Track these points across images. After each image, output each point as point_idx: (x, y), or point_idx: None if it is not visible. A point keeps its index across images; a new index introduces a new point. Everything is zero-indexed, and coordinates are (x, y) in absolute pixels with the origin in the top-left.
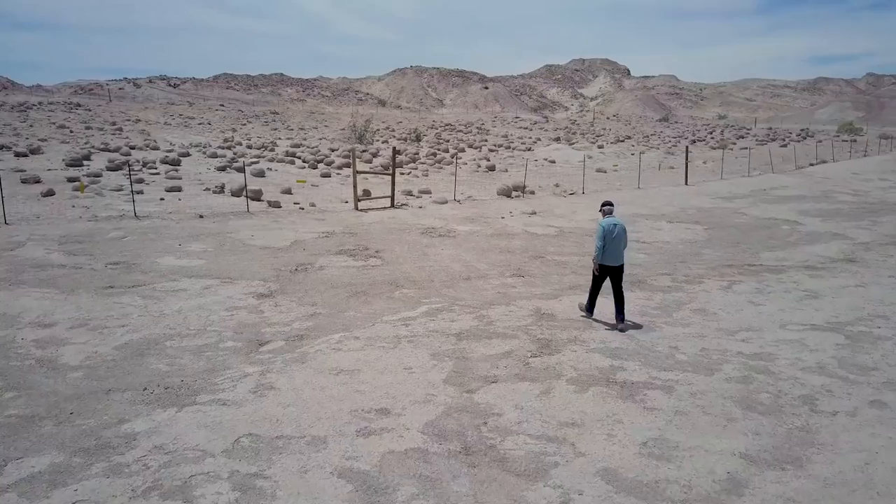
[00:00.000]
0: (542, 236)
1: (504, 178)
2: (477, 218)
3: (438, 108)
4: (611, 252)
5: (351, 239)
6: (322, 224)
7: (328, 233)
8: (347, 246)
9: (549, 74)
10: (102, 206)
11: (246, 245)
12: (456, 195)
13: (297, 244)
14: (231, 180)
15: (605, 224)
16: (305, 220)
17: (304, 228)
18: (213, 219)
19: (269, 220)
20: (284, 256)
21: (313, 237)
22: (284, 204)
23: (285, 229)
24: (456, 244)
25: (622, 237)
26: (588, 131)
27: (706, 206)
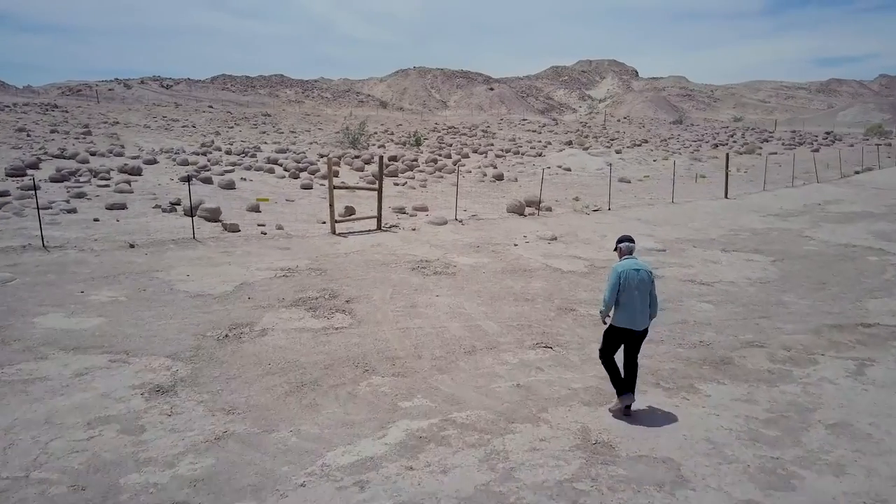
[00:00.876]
0: (568, 274)
1: (514, 189)
2: (483, 245)
3: (442, 109)
4: (628, 310)
5: (317, 280)
6: (285, 256)
7: (289, 270)
8: (310, 292)
9: (555, 76)
10: (12, 230)
11: (173, 291)
12: (458, 213)
13: (242, 289)
14: (193, 193)
15: (622, 269)
16: (265, 251)
17: (259, 263)
18: (148, 249)
19: (219, 250)
20: (219, 311)
21: (268, 277)
22: (246, 227)
23: (235, 265)
24: (456, 286)
25: (646, 289)
26: (601, 134)
27: (760, 228)
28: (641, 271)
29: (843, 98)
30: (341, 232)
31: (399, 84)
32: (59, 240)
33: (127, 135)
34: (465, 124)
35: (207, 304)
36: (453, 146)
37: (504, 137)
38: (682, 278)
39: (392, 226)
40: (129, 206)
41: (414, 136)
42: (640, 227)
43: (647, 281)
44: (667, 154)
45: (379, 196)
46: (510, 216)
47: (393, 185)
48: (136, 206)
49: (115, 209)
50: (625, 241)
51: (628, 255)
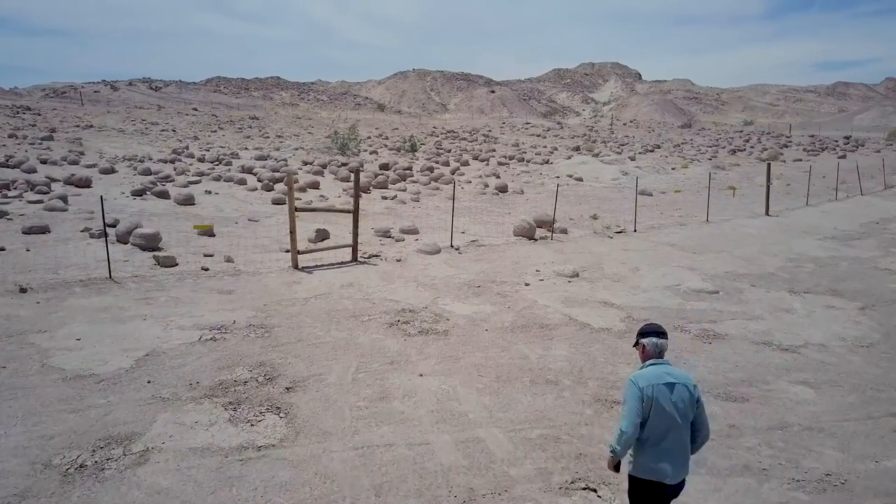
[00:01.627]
0: (600, 333)
1: (520, 203)
2: (486, 284)
3: (442, 113)
4: (657, 451)
5: (255, 346)
6: (224, 304)
7: (222, 328)
8: (238, 370)
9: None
10: None
11: (43, 370)
12: (454, 237)
13: (145, 365)
14: (141, 211)
15: (647, 384)
16: (199, 296)
17: (185, 317)
18: (43, 295)
19: (137, 296)
20: (95, 408)
21: (188, 342)
22: (187, 259)
23: (151, 319)
24: (448, 356)
25: (688, 417)
26: (609, 139)
27: (822, 257)
28: (679, 386)
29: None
30: (306, 266)
31: (398, 86)
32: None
33: (93, 140)
34: (466, 128)
35: (83, 395)
36: (452, 152)
37: (507, 142)
38: (755, 339)
39: (372, 255)
40: (53, 228)
41: (409, 142)
42: (678, 255)
43: (689, 403)
44: (685, 161)
45: (354, 220)
46: (518, 241)
47: (381, 198)
48: (63, 230)
49: (33, 233)
50: (651, 333)
51: (657, 356)
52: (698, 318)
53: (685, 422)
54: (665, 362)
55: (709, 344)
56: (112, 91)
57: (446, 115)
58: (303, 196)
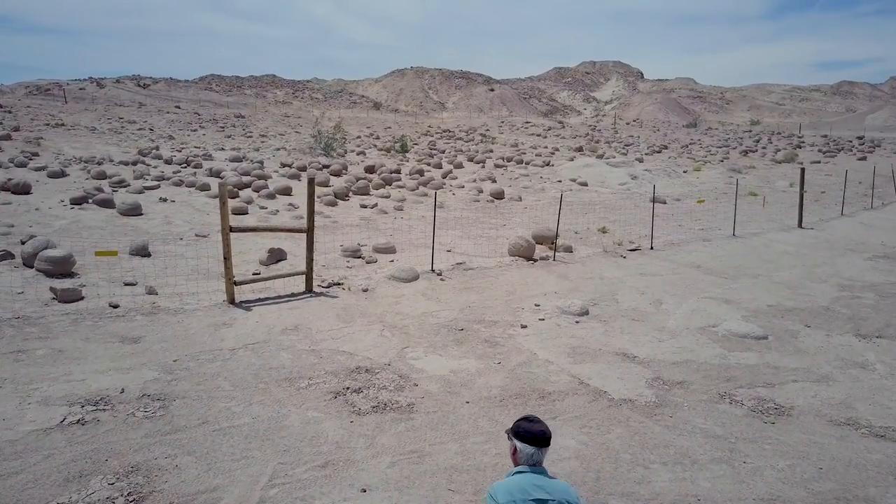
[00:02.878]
0: (621, 408)
1: (517, 212)
2: (471, 326)
3: (440, 111)
4: None
5: (136, 434)
6: (121, 359)
7: (101, 401)
8: (92, 485)
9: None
10: None
11: None
12: (437, 258)
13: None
14: (74, 223)
15: (506, 499)
16: (91, 347)
17: (53, 386)
18: None
19: (8, 347)
20: None
21: (43, 429)
22: (102, 289)
23: (7, 387)
24: (409, 454)
25: None
26: (613, 139)
27: (880, 282)
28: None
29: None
30: (246, 299)
31: (395, 85)
32: None
33: (55, 140)
34: (463, 127)
35: None
36: (446, 153)
37: (505, 142)
38: (833, 415)
39: (333, 284)
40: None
41: (399, 142)
42: (707, 281)
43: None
44: (698, 163)
45: (308, 242)
46: (513, 262)
47: (359, 206)
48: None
49: None
50: (527, 437)
51: (531, 465)
52: (750, 380)
53: None
54: (539, 471)
55: (772, 424)
56: (98, 88)
57: (444, 113)
58: (269, 204)
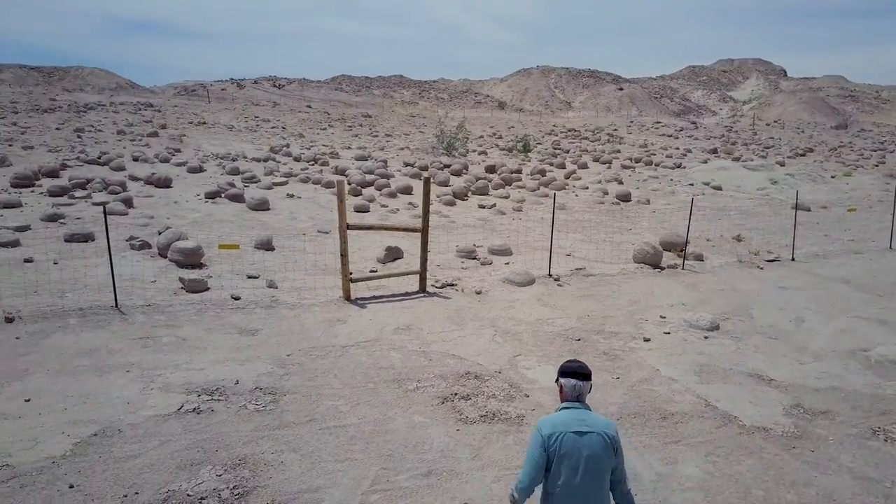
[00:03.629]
0: (753, 436)
1: (644, 216)
2: (588, 336)
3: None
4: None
5: (246, 427)
6: (238, 351)
7: (216, 392)
8: (202, 475)
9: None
10: None
11: None
12: (555, 262)
13: (83, 453)
14: (207, 216)
15: (551, 430)
16: (212, 337)
17: (174, 374)
18: (30, 326)
19: (137, 334)
20: None
21: (162, 415)
22: (225, 281)
23: (133, 373)
24: (516, 470)
25: (603, 465)
26: (751, 140)
27: None
28: (592, 435)
29: None
30: (361, 296)
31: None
32: None
33: (196, 137)
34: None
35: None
36: (570, 153)
37: (634, 143)
38: None
39: (447, 284)
40: (100, 236)
41: (522, 141)
42: (857, 298)
43: (604, 453)
44: (847, 168)
45: (423, 242)
46: (638, 269)
47: (478, 206)
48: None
49: (74, 241)
50: (570, 374)
51: (574, 400)
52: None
53: (598, 475)
54: (582, 407)
55: None
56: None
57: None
58: (390, 202)
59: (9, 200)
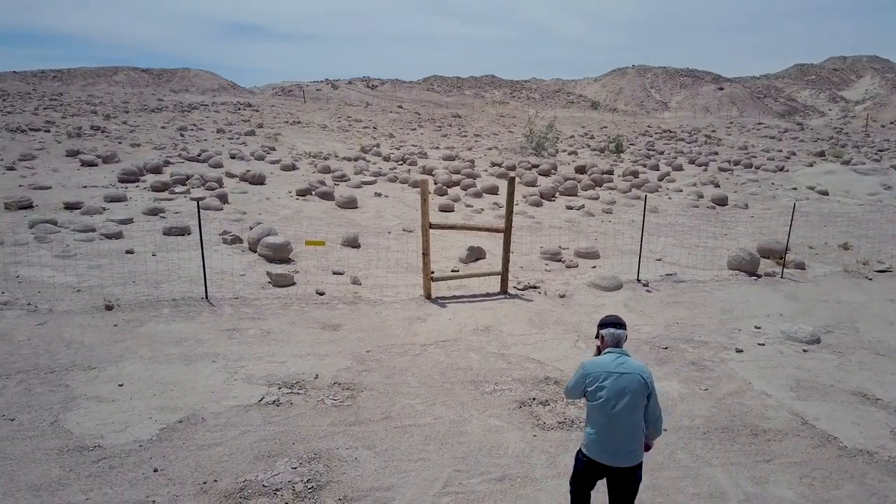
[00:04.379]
0: (855, 460)
1: (742, 221)
2: (676, 345)
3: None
4: (605, 433)
5: (323, 422)
6: (319, 346)
7: (295, 385)
8: (278, 467)
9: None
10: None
11: (49, 430)
12: (644, 266)
13: (168, 439)
14: (296, 213)
15: (593, 368)
16: (295, 331)
17: (257, 365)
18: (128, 315)
19: (224, 326)
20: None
21: (243, 406)
22: (310, 277)
23: (220, 362)
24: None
25: (637, 406)
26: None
27: None
28: (629, 376)
29: None
30: (441, 296)
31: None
32: (21, 289)
33: (290, 136)
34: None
35: (63, 483)
36: (665, 154)
37: (733, 145)
38: None
39: (529, 286)
40: (195, 231)
41: (614, 142)
42: None
43: (639, 391)
44: None
45: (506, 242)
46: (733, 276)
47: (565, 207)
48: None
49: (172, 235)
50: (609, 324)
51: (614, 346)
52: None
53: (632, 410)
54: (622, 352)
55: None
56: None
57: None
58: (475, 202)
59: (115, 195)
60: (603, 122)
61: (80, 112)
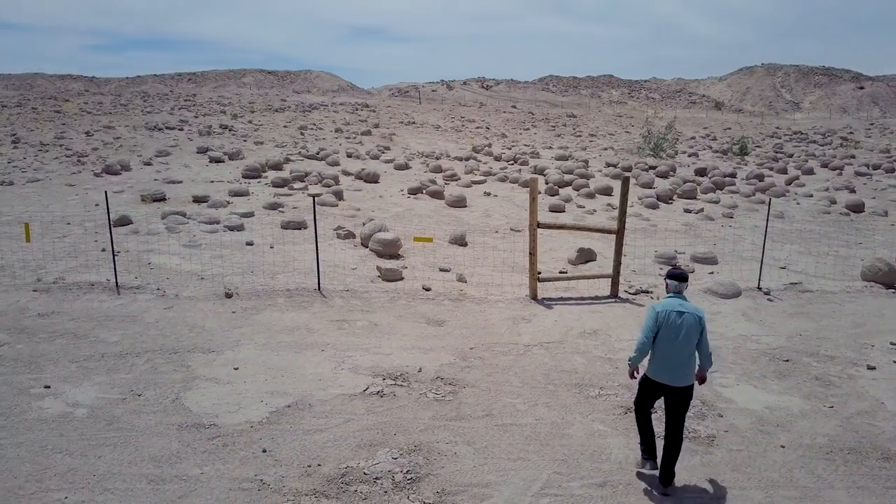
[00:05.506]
0: None
1: (880, 229)
2: (799, 358)
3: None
4: (667, 359)
5: (424, 415)
6: (425, 340)
7: (399, 377)
8: (378, 456)
9: None
10: (136, 252)
11: (171, 407)
12: (766, 274)
13: (277, 422)
14: (407, 211)
15: (661, 309)
16: (401, 325)
17: (364, 356)
18: (245, 303)
19: (334, 317)
20: (173, 486)
21: (348, 395)
22: (418, 272)
23: (329, 351)
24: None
25: (692, 338)
26: None
27: None
28: (687, 315)
29: None
30: (548, 297)
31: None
32: (152, 275)
33: (405, 136)
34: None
35: (181, 457)
36: (794, 157)
37: (873, 147)
38: None
39: (641, 291)
40: (310, 225)
41: (738, 143)
42: None
43: (694, 327)
44: None
45: (618, 244)
46: (866, 288)
47: (683, 211)
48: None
49: (289, 229)
50: (675, 277)
51: (675, 293)
52: None
53: (688, 341)
54: (681, 297)
55: None
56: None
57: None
58: (588, 203)
59: (239, 189)
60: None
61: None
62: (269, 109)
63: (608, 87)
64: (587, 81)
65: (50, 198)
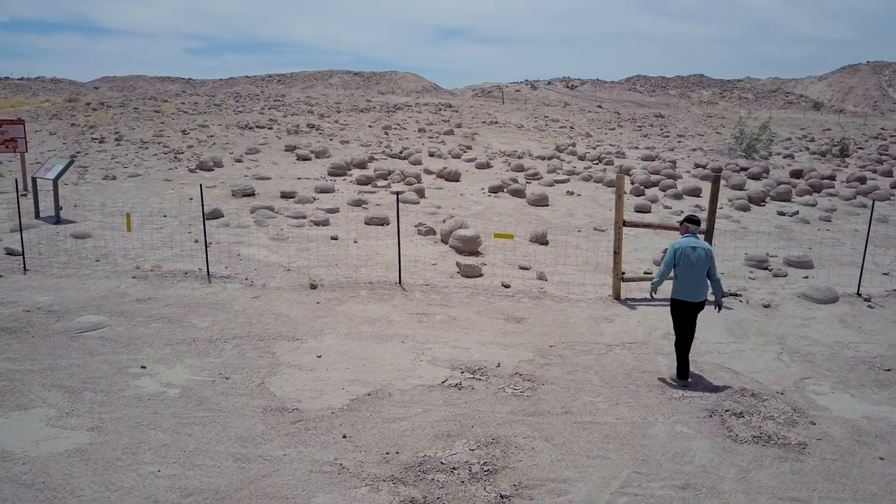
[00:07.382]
0: None
1: None
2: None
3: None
4: (685, 283)
5: (502, 409)
6: (503, 336)
7: (478, 372)
8: (456, 446)
9: None
10: (228, 243)
11: (257, 391)
12: (865, 281)
13: (357, 409)
14: (487, 209)
15: (678, 246)
16: (481, 320)
17: (443, 349)
18: (330, 294)
19: (414, 310)
20: (257, 466)
21: (427, 386)
22: (497, 270)
23: (408, 344)
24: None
25: (704, 266)
26: None
27: None
28: (699, 249)
29: None
30: (631, 297)
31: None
32: (241, 265)
33: (487, 135)
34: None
35: (265, 439)
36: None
37: None
38: None
39: (730, 294)
40: (392, 221)
41: (838, 145)
42: None
43: (704, 258)
44: None
45: None
46: None
47: (776, 213)
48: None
49: (372, 225)
50: (691, 221)
51: (690, 234)
52: None
53: (701, 268)
54: (694, 237)
55: None
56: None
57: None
58: (675, 204)
59: (325, 186)
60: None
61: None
62: (354, 109)
63: (698, 86)
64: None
65: (148, 191)
